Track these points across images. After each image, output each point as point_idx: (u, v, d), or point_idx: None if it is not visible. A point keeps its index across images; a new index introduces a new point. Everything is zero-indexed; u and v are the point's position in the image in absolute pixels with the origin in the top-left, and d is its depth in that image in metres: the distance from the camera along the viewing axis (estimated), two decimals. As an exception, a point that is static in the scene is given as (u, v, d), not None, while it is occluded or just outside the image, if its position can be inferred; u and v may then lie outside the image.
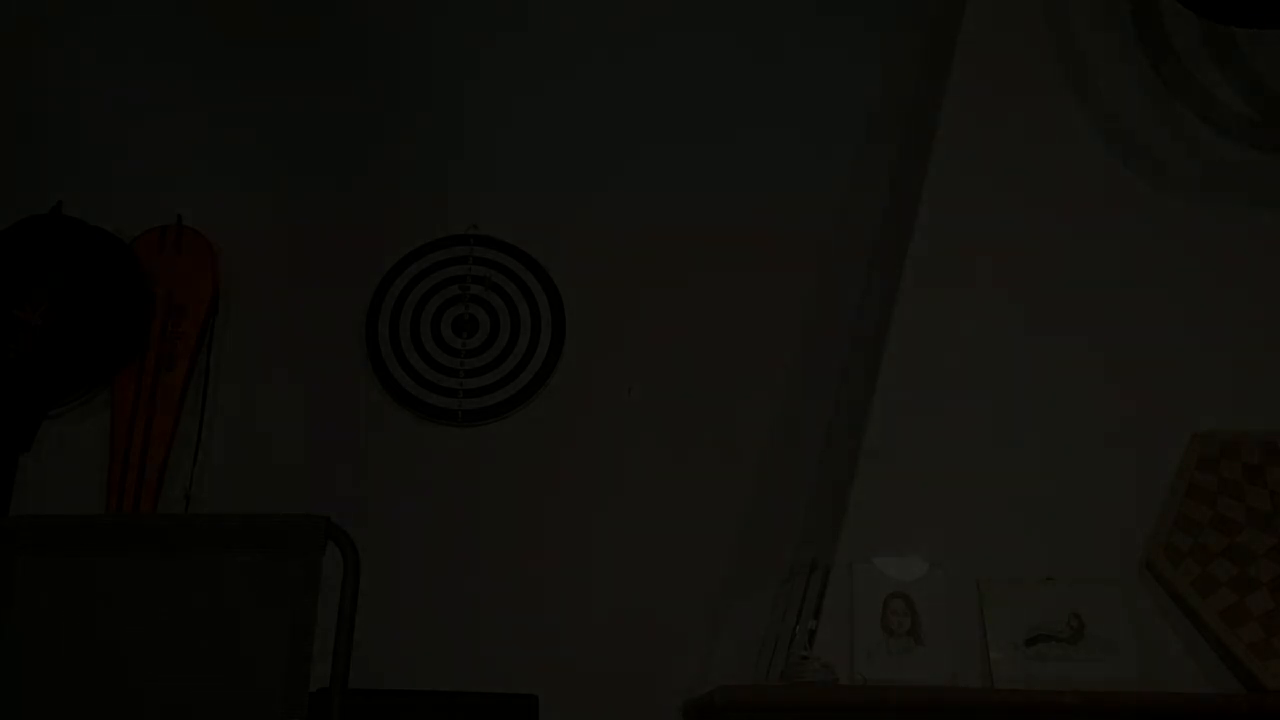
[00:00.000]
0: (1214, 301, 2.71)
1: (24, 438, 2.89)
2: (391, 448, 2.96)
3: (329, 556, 2.16)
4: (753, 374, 2.98)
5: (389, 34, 3.23)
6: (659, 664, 2.78)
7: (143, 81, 3.18)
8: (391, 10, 3.25)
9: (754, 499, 2.91)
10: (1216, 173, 2.82)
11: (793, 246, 3.06)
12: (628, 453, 2.95)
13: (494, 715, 2.68)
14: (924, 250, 2.73)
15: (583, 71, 3.21)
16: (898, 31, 3.20)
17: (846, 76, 3.17)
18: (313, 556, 2.15)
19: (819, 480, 2.88)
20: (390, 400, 2.99)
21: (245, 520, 2.26)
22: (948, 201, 2.76)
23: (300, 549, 2.16)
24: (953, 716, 2.36)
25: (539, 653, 2.79)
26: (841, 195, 3.11)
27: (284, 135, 3.16)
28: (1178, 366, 2.65)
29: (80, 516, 2.61)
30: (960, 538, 2.54)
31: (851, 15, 3.21)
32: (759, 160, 3.12)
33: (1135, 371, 2.66)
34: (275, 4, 3.24)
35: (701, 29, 3.22)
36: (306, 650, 2.10)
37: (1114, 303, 2.71)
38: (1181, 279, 2.72)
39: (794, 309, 3.03)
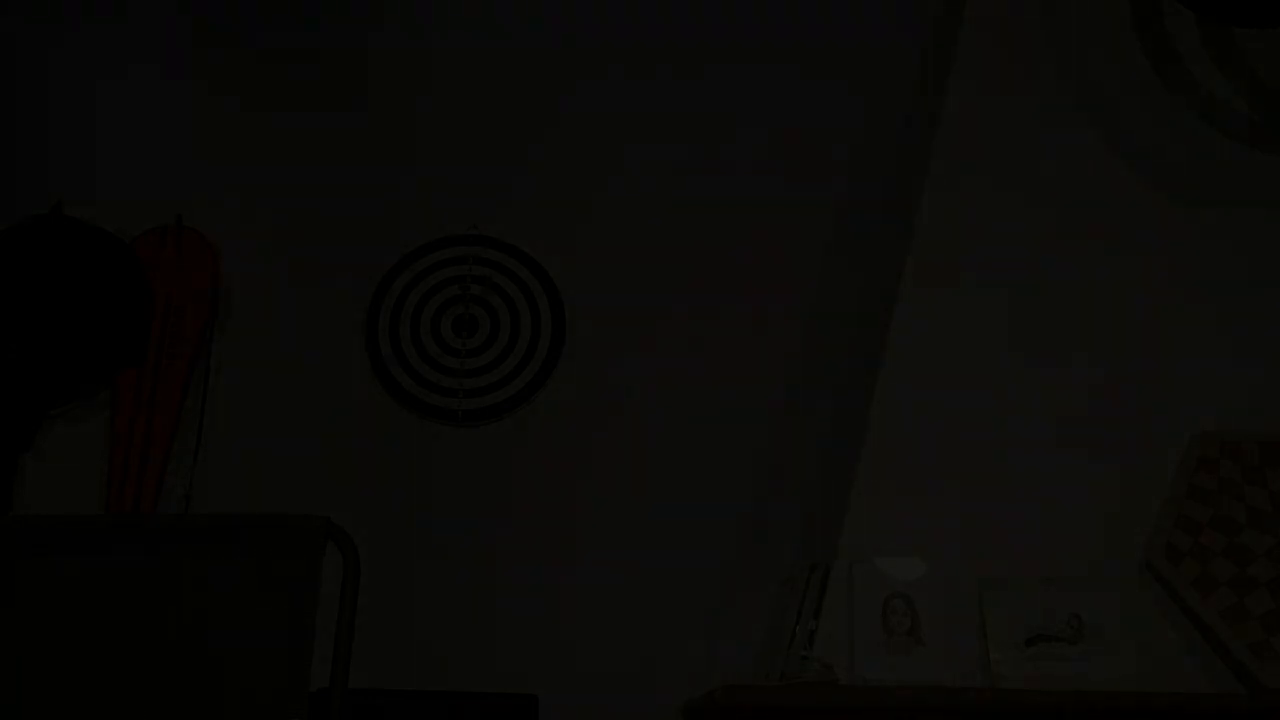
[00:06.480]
0: (1214, 301, 2.71)
1: (24, 438, 2.89)
2: (391, 448, 2.95)
3: (329, 556, 2.16)
4: (752, 373, 2.98)
5: (389, 34, 3.23)
6: (659, 664, 2.78)
7: (143, 82, 3.19)
8: (391, 11, 3.25)
9: (754, 499, 2.91)
10: (1216, 173, 2.82)
11: (793, 247, 3.06)
12: (627, 452, 2.95)
13: (494, 715, 2.68)
14: (924, 250, 2.73)
15: (584, 74, 3.21)
16: (897, 32, 3.20)
17: (847, 78, 3.17)
18: (313, 556, 2.16)
19: (819, 480, 2.88)
20: (390, 400, 2.99)
21: (245, 520, 2.26)
22: (948, 201, 2.76)
23: (300, 549, 2.16)
24: (953, 716, 2.35)
25: (539, 653, 2.79)
26: (841, 195, 3.10)
27: (284, 135, 3.16)
28: (1178, 367, 2.65)
29: (80, 516, 2.61)
30: (960, 538, 2.54)
31: (851, 17, 3.20)
32: (760, 161, 3.12)
33: (1135, 372, 2.65)
34: (275, 5, 3.24)
35: (701, 29, 3.22)
36: (307, 650, 2.10)
37: (1114, 302, 2.71)
38: (1181, 279, 2.72)
39: (794, 309, 3.03)
